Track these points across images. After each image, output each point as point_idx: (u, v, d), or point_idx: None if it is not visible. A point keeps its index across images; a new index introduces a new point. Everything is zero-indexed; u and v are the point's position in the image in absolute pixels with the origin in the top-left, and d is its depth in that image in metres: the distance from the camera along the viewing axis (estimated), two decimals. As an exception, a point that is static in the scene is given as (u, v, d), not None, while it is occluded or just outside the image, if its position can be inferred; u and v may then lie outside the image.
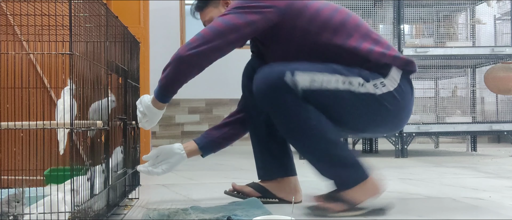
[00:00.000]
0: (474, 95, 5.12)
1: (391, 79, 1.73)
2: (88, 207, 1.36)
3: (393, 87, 1.73)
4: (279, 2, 1.79)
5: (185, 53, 1.75)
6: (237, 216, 1.67)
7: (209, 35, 1.76)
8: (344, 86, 1.70)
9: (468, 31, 5.10)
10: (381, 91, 1.72)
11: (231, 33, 1.76)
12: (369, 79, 1.71)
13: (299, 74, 1.68)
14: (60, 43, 1.78)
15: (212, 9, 2.04)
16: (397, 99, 1.75)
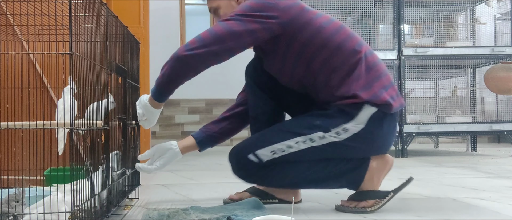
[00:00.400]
0: (474, 95, 5.12)
1: (356, 122, 1.73)
2: (88, 207, 1.36)
3: (357, 130, 1.74)
4: (285, 14, 1.77)
5: (182, 54, 1.74)
6: (237, 216, 1.67)
7: (208, 39, 1.74)
8: (305, 145, 1.76)
9: (468, 31, 5.10)
10: (345, 136, 1.75)
11: (230, 40, 1.74)
12: (330, 129, 1.74)
13: (260, 152, 1.79)
14: (60, 43, 1.78)
15: None
16: (365, 137, 1.76)
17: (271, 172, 1.83)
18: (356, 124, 1.74)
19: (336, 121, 1.75)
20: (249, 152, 1.82)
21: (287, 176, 1.85)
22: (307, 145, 1.76)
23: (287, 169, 1.83)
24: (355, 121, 1.74)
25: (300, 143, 1.76)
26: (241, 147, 1.88)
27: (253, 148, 1.81)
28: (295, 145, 1.76)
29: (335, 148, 1.76)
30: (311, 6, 4.80)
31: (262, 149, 1.79)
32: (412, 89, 4.99)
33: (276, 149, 1.78)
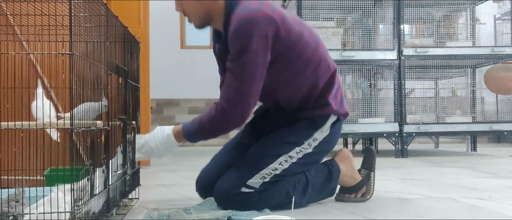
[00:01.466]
0: (474, 95, 5.12)
1: (322, 130, 1.94)
2: (88, 207, 1.36)
3: (323, 137, 1.94)
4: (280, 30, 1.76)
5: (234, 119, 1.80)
6: (237, 216, 1.67)
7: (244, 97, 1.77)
8: (287, 164, 1.89)
9: (468, 31, 5.10)
10: (314, 145, 1.93)
11: (257, 84, 1.78)
12: (303, 141, 1.91)
13: (250, 181, 1.83)
14: (60, 43, 1.78)
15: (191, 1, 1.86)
16: (327, 141, 1.96)
17: (264, 195, 1.86)
18: (322, 132, 1.94)
19: (307, 132, 1.92)
20: (240, 186, 1.82)
21: (278, 194, 1.88)
22: (288, 163, 1.89)
23: (277, 188, 1.88)
24: (321, 130, 1.94)
25: (282, 163, 1.88)
26: (228, 186, 1.84)
27: (243, 181, 1.83)
28: (279, 166, 1.88)
29: (308, 157, 1.93)
30: (311, 6, 4.82)
31: (252, 179, 1.84)
32: (412, 89, 4.99)
33: (264, 174, 1.86)
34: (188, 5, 1.86)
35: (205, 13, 1.86)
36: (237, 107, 1.77)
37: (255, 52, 1.72)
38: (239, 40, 1.71)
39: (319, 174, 1.98)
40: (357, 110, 4.76)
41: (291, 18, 1.83)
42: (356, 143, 6.01)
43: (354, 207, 1.96)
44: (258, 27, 1.70)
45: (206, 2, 1.84)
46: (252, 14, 1.71)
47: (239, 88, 1.75)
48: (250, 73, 1.74)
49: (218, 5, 1.84)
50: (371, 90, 4.78)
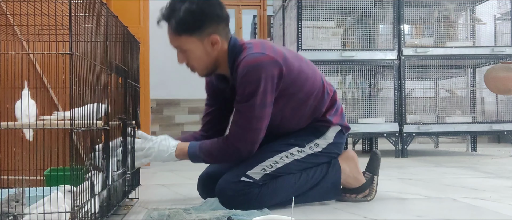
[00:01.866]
0: (474, 95, 5.12)
1: (325, 137, 2.00)
2: (88, 207, 1.36)
3: (326, 144, 2.00)
4: (283, 70, 1.83)
5: (247, 156, 1.88)
6: (237, 216, 1.67)
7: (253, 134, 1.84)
8: (289, 159, 1.94)
9: (468, 31, 5.10)
10: (317, 150, 1.99)
11: (264, 121, 1.85)
12: (305, 144, 1.97)
13: (250, 172, 1.88)
14: (60, 43, 1.78)
15: (194, 40, 1.82)
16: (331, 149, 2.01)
17: (265, 189, 1.88)
18: (325, 139, 1.99)
19: (308, 137, 1.98)
20: (240, 176, 1.87)
21: (279, 191, 1.91)
22: (289, 159, 1.94)
23: (277, 184, 1.91)
24: (323, 138, 1.99)
25: (283, 158, 1.93)
26: (229, 177, 1.89)
27: (243, 171, 1.88)
28: (280, 160, 1.92)
29: (312, 158, 1.98)
30: (311, 6, 4.82)
31: (252, 169, 1.88)
32: (412, 89, 4.98)
33: (265, 166, 1.90)
34: (195, 59, 1.87)
35: (213, 64, 1.90)
36: (247, 145, 1.85)
37: (264, 93, 1.80)
38: (249, 84, 1.79)
39: (320, 171, 1.99)
40: (357, 109, 4.76)
41: (289, 54, 1.91)
42: (356, 143, 6.01)
43: (354, 207, 1.96)
44: (265, 71, 1.79)
45: (214, 53, 1.86)
46: (259, 59, 1.80)
47: (249, 128, 1.83)
48: (259, 113, 1.82)
49: (223, 52, 1.88)
50: (371, 90, 4.78)
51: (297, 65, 1.90)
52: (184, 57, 1.87)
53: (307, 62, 2.00)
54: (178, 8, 1.79)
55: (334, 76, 4.91)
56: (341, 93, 4.90)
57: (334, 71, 4.68)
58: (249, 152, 1.87)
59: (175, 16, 1.80)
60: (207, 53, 1.85)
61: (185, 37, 1.81)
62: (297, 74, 1.89)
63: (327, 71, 4.68)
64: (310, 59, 2.08)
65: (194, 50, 1.84)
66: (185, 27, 1.80)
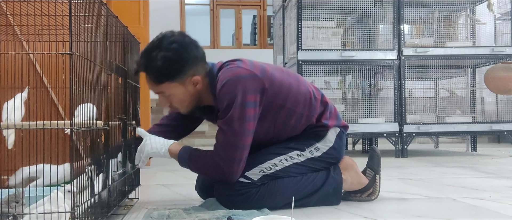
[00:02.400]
0: (474, 95, 5.12)
1: (326, 141, 1.98)
2: (88, 207, 1.36)
3: (327, 148, 1.98)
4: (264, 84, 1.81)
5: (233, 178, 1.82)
6: (237, 216, 1.67)
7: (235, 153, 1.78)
8: (288, 162, 1.93)
9: (468, 31, 5.10)
10: (317, 154, 1.97)
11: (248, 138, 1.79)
12: (305, 149, 1.95)
13: (248, 173, 1.86)
14: (60, 43, 1.78)
15: (176, 85, 1.80)
16: (332, 152, 2.00)
17: (263, 189, 1.88)
18: (325, 143, 1.99)
19: (309, 141, 1.97)
20: (239, 176, 1.85)
21: (278, 193, 1.89)
22: (289, 162, 1.93)
23: (276, 185, 1.90)
24: (324, 141, 1.98)
25: (283, 161, 1.92)
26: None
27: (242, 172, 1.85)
28: (279, 163, 1.91)
29: (312, 162, 1.97)
30: (311, 6, 4.82)
31: (250, 170, 1.87)
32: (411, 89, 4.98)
33: (263, 168, 1.89)
34: (178, 102, 1.85)
35: (196, 101, 1.88)
36: (228, 163, 1.78)
37: (241, 106, 1.75)
38: (227, 97, 1.76)
39: (319, 177, 1.98)
40: (357, 110, 4.76)
41: (269, 67, 1.89)
42: (356, 143, 6.01)
43: (354, 207, 1.96)
44: (244, 83, 1.77)
45: (196, 92, 1.85)
46: (236, 72, 1.79)
47: (229, 144, 1.77)
48: (238, 127, 1.76)
49: (205, 86, 1.85)
50: (371, 90, 4.78)
51: (278, 76, 1.88)
52: (167, 101, 1.85)
53: (288, 72, 1.98)
54: (155, 57, 1.76)
55: (334, 76, 4.91)
56: (341, 93, 4.90)
57: (334, 71, 4.68)
58: (231, 172, 1.79)
59: (153, 66, 1.77)
60: (190, 94, 1.84)
61: (167, 84, 1.80)
62: (280, 85, 1.86)
63: (327, 71, 4.68)
64: (310, 59, 2.08)
65: (177, 94, 1.82)
66: (165, 76, 1.78)
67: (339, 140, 2.02)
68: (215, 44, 8.14)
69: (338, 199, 2.01)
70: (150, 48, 1.79)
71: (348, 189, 2.07)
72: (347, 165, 2.06)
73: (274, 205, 1.89)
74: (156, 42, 1.79)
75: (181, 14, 7.84)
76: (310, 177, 1.96)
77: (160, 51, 1.76)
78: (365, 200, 2.08)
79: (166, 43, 1.77)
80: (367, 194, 2.09)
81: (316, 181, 1.96)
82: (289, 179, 1.93)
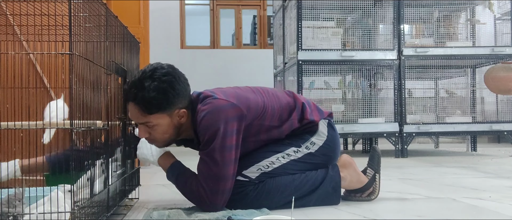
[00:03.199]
0: (474, 95, 5.12)
1: (319, 135, 2.00)
2: (88, 207, 1.36)
3: (322, 142, 2.00)
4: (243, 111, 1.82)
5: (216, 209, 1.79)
6: (237, 216, 1.67)
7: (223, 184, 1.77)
8: (285, 160, 1.94)
9: (468, 31, 5.10)
10: (314, 149, 1.99)
11: (231, 167, 1.79)
12: (301, 145, 1.97)
13: (246, 171, 1.89)
14: (60, 43, 1.78)
15: (164, 116, 1.80)
16: (329, 145, 2.02)
17: (261, 188, 1.89)
18: (319, 136, 2.00)
19: (303, 136, 1.98)
20: (236, 175, 1.85)
21: (276, 192, 1.90)
22: (286, 159, 1.94)
23: (274, 184, 1.91)
24: (317, 135, 2.00)
25: (280, 158, 1.93)
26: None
27: (239, 170, 1.86)
28: (276, 161, 1.93)
29: (309, 158, 1.98)
30: (311, 6, 4.83)
31: (248, 169, 1.89)
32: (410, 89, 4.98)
33: (261, 166, 1.91)
34: (160, 133, 1.83)
35: (176, 133, 1.87)
36: (216, 196, 1.77)
37: (223, 137, 1.76)
38: (208, 129, 1.77)
39: (318, 174, 1.98)
40: (357, 110, 4.76)
41: (239, 91, 1.91)
42: (356, 143, 6.01)
43: (354, 207, 1.96)
44: (224, 113, 1.78)
45: (180, 125, 1.85)
46: (214, 104, 1.79)
47: (213, 176, 1.77)
48: (221, 158, 1.76)
49: (188, 119, 1.86)
50: (371, 90, 4.78)
51: (252, 98, 1.88)
52: (148, 131, 1.83)
53: (254, 90, 1.96)
54: (148, 88, 1.74)
55: (334, 76, 4.91)
56: (341, 93, 4.90)
57: (334, 71, 4.68)
58: (213, 203, 1.77)
59: (144, 96, 1.74)
60: (173, 126, 1.84)
61: (156, 115, 1.78)
62: (255, 107, 1.86)
63: (327, 71, 4.68)
64: (310, 59, 2.08)
65: (163, 124, 1.81)
66: (157, 106, 1.77)
67: (331, 130, 2.03)
68: (215, 44, 8.14)
69: (338, 197, 2.01)
70: (141, 78, 1.76)
71: (347, 187, 2.07)
72: (345, 162, 2.07)
73: (273, 204, 1.89)
74: (148, 72, 1.77)
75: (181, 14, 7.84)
76: (308, 175, 1.96)
77: (153, 81, 1.75)
78: (365, 200, 2.08)
79: (158, 74, 1.76)
80: (367, 194, 2.09)
81: (314, 179, 1.96)
82: (287, 177, 1.93)
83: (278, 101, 1.96)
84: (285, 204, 1.89)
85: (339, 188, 2.01)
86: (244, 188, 1.86)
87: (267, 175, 1.90)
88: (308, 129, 2.00)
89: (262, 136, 1.93)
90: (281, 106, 1.95)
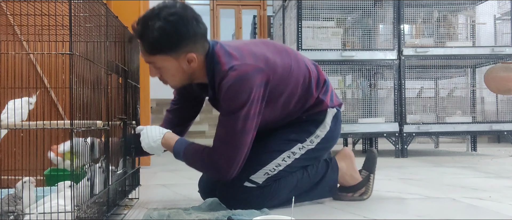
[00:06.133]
0: (474, 95, 5.12)
1: (324, 126, 1.96)
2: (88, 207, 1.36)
3: (325, 133, 1.96)
4: (269, 76, 1.76)
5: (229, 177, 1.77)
6: (237, 216, 1.67)
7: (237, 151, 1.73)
8: (290, 160, 1.92)
9: (468, 31, 5.10)
10: (316, 141, 1.95)
11: (252, 134, 1.76)
12: (305, 139, 1.93)
13: (254, 176, 1.86)
14: (60, 43, 1.78)
15: (169, 59, 1.72)
16: (330, 137, 1.98)
17: (267, 191, 1.88)
18: (323, 128, 1.96)
19: (308, 130, 1.94)
20: (244, 181, 1.84)
21: (280, 192, 1.90)
22: (291, 159, 1.92)
23: (279, 185, 1.91)
24: (322, 126, 1.96)
25: (286, 159, 1.91)
26: (232, 181, 1.83)
27: (246, 175, 1.85)
28: (282, 162, 1.90)
29: (311, 153, 1.96)
30: (311, 6, 4.82)
31: (255, 173, 1.86)
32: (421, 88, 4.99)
33: (268, 170, 1.88)
34: (169, 76, 1.78)
35: (188, 78, 1.81)
36: (228, 161, 1.74)
37: (249, 106, 1.71)
38: (235, 98, 1.70)
39: (319, 171, 1.99)
40: (357, 110, 4.76)
41: (269, 52, 1.82)
42: (356, 143, 6.01)
43: (354, 207, 1.96)
44: (251, 82, 1.70)
45: (189, 70, 1.77)
46: (243, 71, 1.70)
47: (232, 143, 1.73)
48: (243, 127, 1.72)
49: (200, 64, 1.77)
50: (371, 90, 4.78)
51: (280, 61, 1.81)
52: (158, 72, 1.77)
53: (287, 51, 1.90)
54: (152, 27, 1.66)
55: (334, 76, 4.91)
56: (341, 93, 4.90)
57: (334, 71, 4.68)
58: (228, 170, 1.74)
59: (148, 35, 1.67)
60: (182, 71, 1.76)
61: (159, 56, 1.71)
62: (282, 72, 1.80)
63: (327, 71, 4.67)
64: (310, 59, 2.07)
65: (169, 68, 1.74)
66: (159, 48, 1.69)
67: (335, 122, 1.98)
68: (215, 44, 8.13)
69: (334, 193, 2.07)
70: (148, 16, 1.67)
71: (341, 179, 2.06)
72: (345, 154, 2.08)
73: (273, 205, 1.89)
74: (155, 10, 1.67)
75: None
76: (311, 173, 1.96)
77: (158, 21, 1.65)
78: (357, 199, 2.08)
79: (165, 14, 1.65)
80: (359, 194, 2.08)
81: (315, 175, 1.97)
82: (290, 178, 1.93)
83: (305, 68, 1.90)
84: (285, 202, 1.89)
85: (336, 184, 2.04)
86: (251, 194, 1.85)
87: (272, 178, 1.89)
88: (314, 115, 1.95)
89: (279, 105, 1.85)
90: (306, 75, 1.89)
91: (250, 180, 1.85)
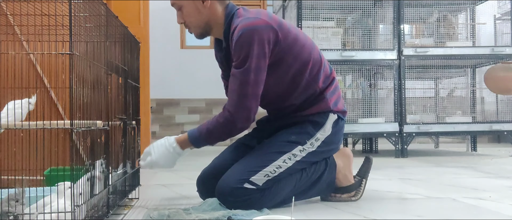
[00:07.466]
0: (474, 95, 5.12)
1: (324, 129, 1.99)
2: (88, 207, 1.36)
3: (325, 136, 1.99)
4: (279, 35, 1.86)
5: (243, 124, 1.87)
6: (237, 216, 1.67)
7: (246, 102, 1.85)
8: (291, 162, 1.93)
9: (468, 31, 5.10)
10: (317, 144, 1.98)
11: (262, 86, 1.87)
12: (306, 141, 1.96)
13: (254, 178, 1.87)
14: (60, 43, 1.78)
15: (190, 2, 1.94)
16: (330, 141, 2.01)
17: (267, 193, 1.89)
18: (324, 132, 1.99)
19: (308, 132, 1.97)
20: (243, 182, 1.85)
21: (280, 193, 1.91)
22: (292, 161, 1.93)
23: (279, 187, 1.91)
24: (323, 130, 1.98)
25: (286, 160, 1.92)
26: (231, 180, 1.86)
27: (246, 176, 1.86)
28: (283, 164, 1.92)
29: (312, 156, 1.98)
30: (311, 6, 4.81)
31: (256, 175, 1.87)
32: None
33: (268, 172, 1.89)
34: (187, 16, 1.95)
35: (205, 23, 1.96)
36: (242, 111, 1.85)
37: (257, 57, 1.83)
38: (243, 48, 1.82)
39: (318, 169, 2.00)
40: (357, 110, 4.76)
41: (287, 23, 1.94)
42: (356, 143, 6.01)
43: (354, 207, 1.96)
44: (259, 34, 1.82)
45: (206, 12, 1.94)
46: (252, 23, 1.84)
47: (245, 93, 1.85)
48: (253, 78, 1.84)
49: (217, 15, 1.95)
50: (371, 90, 4.78)
51: (294, 32, 1.92)
52: (181, 16, 1.95)
53: (305, 34, 2.02)
54: None
55: (334, 76, 4.90)
56: (341, 93, 4.89)
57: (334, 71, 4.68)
58: (246, 119, 1.86)
59: None
60: (197, 10, 1.92)
61: None
62: (294, 41, 1.90)
63: (327, 71, 4.67)
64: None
65: (186, 6, 1.93)
66: None
67: (336, 128, 2.02)
68: (215, 44, 8.14)
69: (331, 191, 2.08)
70: None
71: (337, 174, 2.07)
72: (344, 153, 2.11)
73: (273, 205, 1.89)
74: None
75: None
76: (309, 173, 1.98)
77: None
78: (346, 200, 2.08)
79: None
80: (349, 196, 2.09)
81: (313, 175, 1.99)
82: (290, 179, 1.93)
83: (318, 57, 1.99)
84: (284, 201, 1.90)
85: (333, 183, 2.05)
86: (250, 194, 1.85)
87: (272, 180, 1.89)
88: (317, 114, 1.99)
89: (288, 74, 1.93)
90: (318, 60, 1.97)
91: (251, 181, 1.85)
